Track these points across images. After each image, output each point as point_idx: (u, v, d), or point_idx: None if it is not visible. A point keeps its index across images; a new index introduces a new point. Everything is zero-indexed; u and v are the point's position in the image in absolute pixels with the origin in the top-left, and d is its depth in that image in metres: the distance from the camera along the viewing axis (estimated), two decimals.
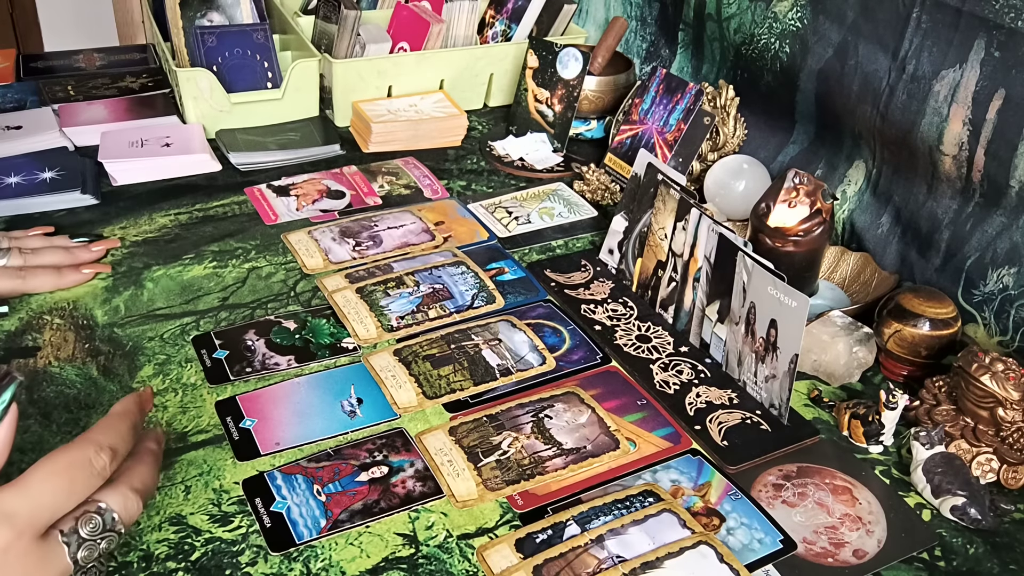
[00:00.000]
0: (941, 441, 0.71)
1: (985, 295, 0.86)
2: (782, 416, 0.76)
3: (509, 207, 1.07)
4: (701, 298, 0.84)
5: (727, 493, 0.70)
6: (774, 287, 0.74)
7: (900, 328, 0.80)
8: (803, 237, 0.86)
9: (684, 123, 1.06)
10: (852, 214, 1.01)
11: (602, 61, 1.21)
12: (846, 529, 0.67)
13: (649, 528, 0.65)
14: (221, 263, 0.93)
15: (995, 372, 0.72)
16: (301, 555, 0.63)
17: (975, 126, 0.83)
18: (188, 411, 0.74)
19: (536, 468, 0.70)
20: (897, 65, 0.91)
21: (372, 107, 1.21)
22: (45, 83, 1.26)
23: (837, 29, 0.98)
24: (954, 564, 0.66)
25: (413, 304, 0.87)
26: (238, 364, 0.79)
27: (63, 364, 0.78)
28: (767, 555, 0.65)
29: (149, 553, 0.62)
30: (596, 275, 0.95)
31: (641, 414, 0.77)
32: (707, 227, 0.82)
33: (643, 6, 1.32)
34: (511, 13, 1.32)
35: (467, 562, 0.63)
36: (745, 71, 1.13)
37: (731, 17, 1.12)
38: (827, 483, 0.71)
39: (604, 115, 1.24)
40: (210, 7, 1.16)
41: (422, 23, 1.24)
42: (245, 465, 0.69)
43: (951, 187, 0.89)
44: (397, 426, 0.74)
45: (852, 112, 0.98)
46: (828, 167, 1.05)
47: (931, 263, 0.91)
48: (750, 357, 0.78)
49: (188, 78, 1.13)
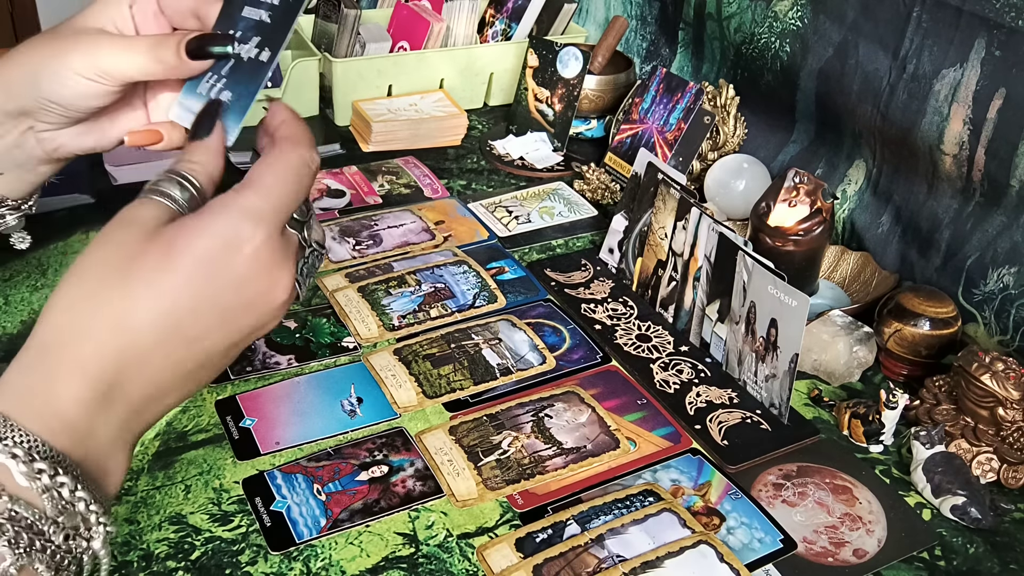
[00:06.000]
0: (941, 440, 0.71)
1: (985, 294, 0.86)
2: (782, 415, 0.76)
3: (509, 206, 1.06)
4: (701, 297, 0.84)
5: (727, 492, 0.70)
6: (774, 286, 0.74)
7: (900, 327, 0.80)
8: (803, 236, 0.86)
9: (684, 122, 1.06)
10: (852, 213, 1.01)
11: (602, 60, 1.20)
12: (846, 528, 0.67)
13: (649, 527, 0.65)
14: None
15: (995, 371, 0.72)
16: (301, 554, 0.63)
17: (975, 125, 0.83)
18: (188, 410, 0.74)
19: (536, 467, 0.70)
20: (897, 64, 0.91)
21: (372, 106, 1.21)
22: None
23: (837, 28, 0.98)
24: (954, 564, 0.66)
25: (415, 303, 0.87)
26: (238, 363, 0.79)
27: None
28: (767, 554, 0.65)
29: (149, 552, 0.62)
30: (596, 274, 0.95)
31: (641, 413, 0.77)
32: (707, 226, 0.82)
33: (643, 5, 1.32)
34: (511, 12, 1.32)
35: (467, 561, 0.63)
36: (745, 70, 1.13)
37: (731, 16, 1.12)
38: (827, 482, 0.71)
39: (604, 114, 1.24)
40: None
41: (422, 22, 1.24)
42: (245, 464, 0.69)
43: (951, 186, 0.89)
44: (397, 425, 0.74)
45: (852, 111, 0.98)
46: (828, 166, 1.05)
47: (931, 262, 0.91)
48: (750, 356, 0.78)
49: None
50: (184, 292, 0.45)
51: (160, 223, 0.46)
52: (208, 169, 0.51)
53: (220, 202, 0.47)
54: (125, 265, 0.44)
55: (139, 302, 0.44)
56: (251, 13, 0.56)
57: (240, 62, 0.56)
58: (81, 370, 0.43)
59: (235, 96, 0.55)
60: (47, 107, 0.62)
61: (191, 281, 0.45)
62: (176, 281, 0.44)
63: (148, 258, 0.44)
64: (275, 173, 0.50)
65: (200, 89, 0.57)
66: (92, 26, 0.61)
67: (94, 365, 0.43)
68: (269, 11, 0.56)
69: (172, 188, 0.48)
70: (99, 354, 0.43)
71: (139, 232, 0.45)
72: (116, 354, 0.44)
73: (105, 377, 0.43)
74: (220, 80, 0.56)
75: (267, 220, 0.48)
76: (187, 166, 0.51)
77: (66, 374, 0.43)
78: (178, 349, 0.45)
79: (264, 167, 0.50)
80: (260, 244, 0.47)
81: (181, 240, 0.45)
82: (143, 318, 0.44)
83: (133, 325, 0.44)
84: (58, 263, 0.89)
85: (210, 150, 0.53)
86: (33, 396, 0.43)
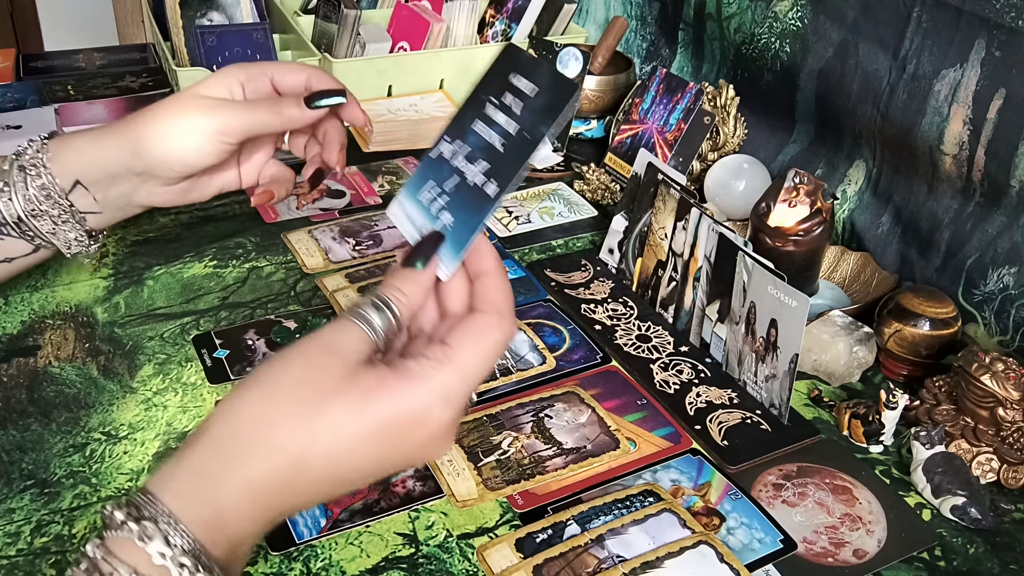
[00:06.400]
0: (941, 441, 0.71)
1: (985, 295, 0.86)
2: (782, 416, 0.76)
3: (509, 206, 1.07)
4: (701, 298, 0.84)
5: (727, 493, 0.70)
6: (774, 287, 0.74)
7: (900, 328, 0.80)
8: (803, 237, 0.86)
9: (684, 123, 1.06)
10: (852, 214, 1.01)
11: (602, 61, 1.20)
12: (846, 529, 0.67)
13: (649, 528, 0.65)
14: (221, 262, 0.93)
15: (995, 372, 0.72)
16: (301, 555, 0.63)
17: (975, 126, 0.83)
18: (188, 410, 0.74)
19: (536, 468, 0.70)
20: (897, 65, 0.91)
21: (372, 107, 1.21)
22: (45, 83, 1.26)
23: (837, 29, 0.98)
24: (954, 564, 0.66)
25: None
26: (239, 363, 0.79)
27: (63, 364, 0.78)
28: (767, 555, 0.65)
29: None
30: (596, 275, 0.95)
31: (641, 414, 0.77)
32: (707, 227, 0.82)
33: (643, 5, 1.32)
34: (511, 12, 1.32)
35: (467, 562, 0.63)
36: (745, 71, 1.13)
37: (731, 16, 1.12)
38: (827, 483, 0.71)
39: (604, 115, 1.24)
40: (210, 6, 1.16)
41: (422, 22, 1.24)
42: None
43: (951, 187, 0.89)
44: None
45: (852, 112, 0.98)
46: (828, 167, 1.05)
47: (931, 263, 0.91)
48: (750, 357, 0.78)
49: (188, 78, 1.13)
50: (361, 448, 0.48)
51: (361, 359, 0.49)
52: (412, 303, 0.53)
53: (423, 372, 0.49)
54: (319, 400, 0.47)
55: (320, 442, 0.47)
56: (484, 132, 0.55)
57: (465, 183, 0.55)
58: (251, 489, 0.46)
59: (455, 222, 0.54)
60: (170, 166, 0.73)
61: (371, 440, 0.48)
62: (359, 435, 0.47)
63: (342, 402, 0.47)
64: (477, 355, 0.51)
65: (421, 196, 0.56)
66: (209, 95, 0.73)
67: (263, 488, 0.46)
68: (503, 139, 0.54)
69: (374, 315, 0.51)
70: (270, 478, 0.46)
71: (341, 367, 0.48)
72: (284, 482, 0.47)
73: (267, 500, 0.47)
74: (443, 196, 0.55)
75: (458, 404, 0.50)
76: (394, 294, 0.53)
77: (235, 487, 0.46)
78: (335, 487, 0.50)
79: (470, 343, 0.51)
80: (445, 423, 0.50)
81: (376, 397, 0.48)
82: (318, 458, 0.47)
83: (308, 462, 0.47)
84: (58, 263, 0.89)
85: (420, 284, 0.54)
86: (202, 505, 0.45)
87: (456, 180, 0.55)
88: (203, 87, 0.73)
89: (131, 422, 0.73)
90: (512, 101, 0.54)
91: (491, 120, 0.54)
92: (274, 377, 0.48)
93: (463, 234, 0.54)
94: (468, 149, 0.55)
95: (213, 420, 0.48)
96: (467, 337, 0.51)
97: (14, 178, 0.71)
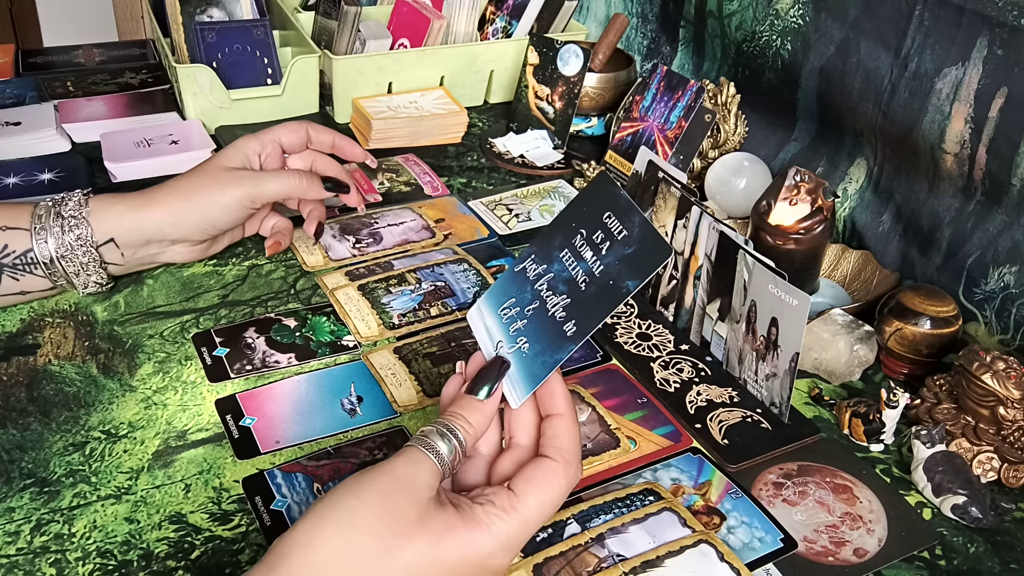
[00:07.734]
0: (942, 440, 0.71)
1: (986, 293, 0.85)
2: (783, 414, 0.76)
3: (510, 204, 1.06)
4: (702, 296, 0.84)
5: (727, 492, 0.70)
6: (775, 285, 0.74)
7: (901, 326, 0.80)
8: (804, 235, 0.86)
9: (685, 120, 1.06)
10: (853, 212, 1.01)
11: (603, 58, 1.20)
12: (847, 528, 0.67)
13: (649, 527, 0.65)
14: (221, 260, 0.92)
15: (996, 371, 0.72)
16: None
17: (977, 124, 0.83)
18: (188, 409, 0.74)
19: None
20: (899, 63, 0.90)
21: (372, 104, 1.20)
22: (44, 79, 1.25)
23: (839, 26, 0.97)
24: (955, 563, 0.66)
25: (415, 302, 0.87)
26: (238, 362, 0.79)
27: (63, 362, 0.78)
28: (768, 554, 0.65)
29: (149, 552, 0.62)
30: None
31: (641, 412, 0.77)
32: (708, 225, 0.82)
33: (644, 3, 1.31)
34: (512, 9, 1.32)
35: None
36: (746, 68, 1.13)
37: (732, 14, 1.12)
38: (828, 482, 0.71)
39: (605, 112, 1.23)
40: (210, 3, 1.16)
41: (422, 19, 1.24)
42: (245, 463, 0.69)
43: (953, 185, 0.89)
44: (397, 424, 0.74)
45: (853, 110, 0.98)
46: (829, 165, 1.05)
47: (932, 261, 0.91)
48: (751, 355, 0.78)
49: (188, 74, 1.12)
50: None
51: (431, 494, 0.52)
52: (476, 432, 0.56)
53: (488, 520, 0.52)
54: (394, 539, 0.50)
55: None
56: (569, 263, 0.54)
57: (545, 312, 0.55)
58: None
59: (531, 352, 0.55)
60: (206, 231, 0.84)
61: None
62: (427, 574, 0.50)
63: (414, 545, 0.50)
64: (542, 505, 0.54)
65: (501, 308, 0.57)
66: (232, 166, 0.84)
67: None
68: (587, 277, 0.54)
69: (441, 444, 0.54)
70: None
71: (415, 507, 0.51)
72: None
73: None
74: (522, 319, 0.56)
75: (516, 549, 0.54)
76: (459, 423, 0.56)
77: None
78: None
79: (536, 492, 0.54)
80: (502, 566, 0.53)
81: (446, 541, 0.50)
82: None
83: None
84: None
85: (484, 415, 0.57)
86: None
87: (536, 305, 0.55)
88: (225, 159, 0.85)
89: (131, 420, 0.73)
90: (601, 240, 0.53)
91: (578, 254, 0.54)
92: (352, 513, 0.50)
93: (539, 369, 0.55)
94: (551, 275, 0.55)
95: (289, 555, 0.49)
96: (533, 485, 0.54)
97: (50, 223, 0.78)
